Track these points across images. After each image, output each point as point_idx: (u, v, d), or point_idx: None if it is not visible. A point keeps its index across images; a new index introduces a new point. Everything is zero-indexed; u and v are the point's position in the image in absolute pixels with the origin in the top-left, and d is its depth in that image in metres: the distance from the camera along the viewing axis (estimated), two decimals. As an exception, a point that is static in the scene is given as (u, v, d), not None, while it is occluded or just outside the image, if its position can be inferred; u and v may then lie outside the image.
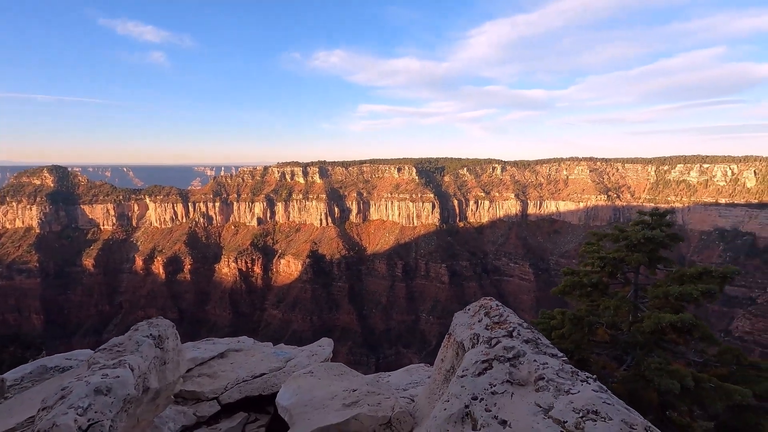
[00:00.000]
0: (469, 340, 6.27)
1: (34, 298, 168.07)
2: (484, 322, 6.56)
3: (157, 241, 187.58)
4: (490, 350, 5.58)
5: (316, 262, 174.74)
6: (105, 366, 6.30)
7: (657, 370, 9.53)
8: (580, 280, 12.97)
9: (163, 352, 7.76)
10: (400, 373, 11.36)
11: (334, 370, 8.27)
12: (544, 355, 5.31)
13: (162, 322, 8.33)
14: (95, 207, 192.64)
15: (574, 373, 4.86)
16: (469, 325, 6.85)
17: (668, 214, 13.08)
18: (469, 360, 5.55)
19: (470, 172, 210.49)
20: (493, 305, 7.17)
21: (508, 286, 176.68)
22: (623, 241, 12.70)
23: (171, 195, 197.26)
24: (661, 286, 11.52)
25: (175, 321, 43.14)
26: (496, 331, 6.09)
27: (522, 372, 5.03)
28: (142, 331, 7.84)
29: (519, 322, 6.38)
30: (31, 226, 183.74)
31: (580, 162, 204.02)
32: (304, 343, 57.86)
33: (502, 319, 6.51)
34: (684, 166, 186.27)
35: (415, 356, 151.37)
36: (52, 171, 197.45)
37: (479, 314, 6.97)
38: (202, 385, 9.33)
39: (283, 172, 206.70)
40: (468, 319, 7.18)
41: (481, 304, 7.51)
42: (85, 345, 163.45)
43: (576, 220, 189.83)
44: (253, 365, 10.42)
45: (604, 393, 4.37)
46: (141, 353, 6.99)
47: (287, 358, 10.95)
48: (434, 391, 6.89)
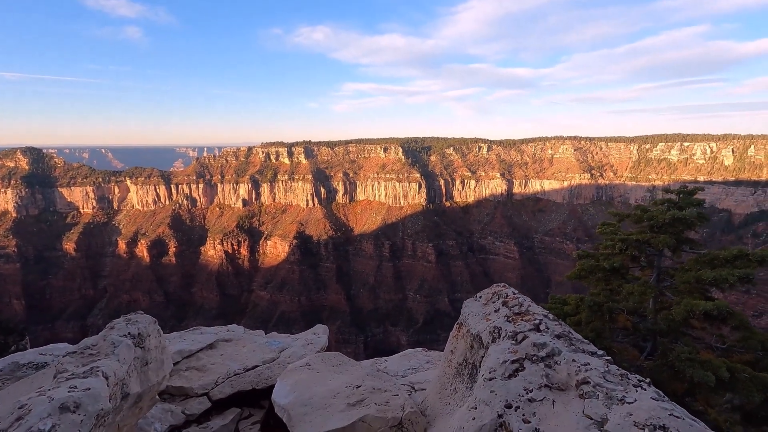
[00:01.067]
0: (488, 333, 5.71)
1: (14, 284, 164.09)
2: (502, 313, 6.02)
3: (140, 224, 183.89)
4: (518, 347, 5.04)
5: (303, 243, 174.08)
6: (74, 375, 5.48)
7: (688, 361, 8.99)
8: (598, 263, 12.16)
9: (144, 352, 6.96)
10: (397, 359, 10.93)
11: (331, 360, 7.83)
12: (583, 354, 4.73)
13: (142, 318, 7.45)
14: (74, 190, 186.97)
15: (623, 376, 4.26)
16: (485, 315, 6.33)
17: (697, 191, 12.09)
18: (495, 359, 5.00)
19: (456, 151, 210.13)
20: (509, 293, 6.64)
21: (493, 264, 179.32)
22: (647, 221, 11.75)
23: (153, 177, 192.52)
24: (690, 270, 10.75)
25: (161, 304, 43.10)
26: (520, 323, 5.54)
27: (560, 374, 4.48)
28: (118, 329, 6.91)
29: (544, 312, 5.85)
30: (7, 210, 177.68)
31: (565, 141, 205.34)
32: (292, 325, 58.79)
33: (523, 309, 5.96)
34: (665, 145, 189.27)
35: (402, 334, 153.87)
36: (26, 153, 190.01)
37: (495, 303, 6.51)
38: (190, 380, 8.74)
39: (267, 152, 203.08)
40: (481, 308, 6.67)
41: (494, 291, 6.98)
42: (68, 330, 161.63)
43: (560, 198, 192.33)
44: (245, 356, 9.86)
45: (666, 402, 3.84)
46: (118, 356, 6.19)
47: (281, 347, 10.44)
48: (445, 385, 6.48)
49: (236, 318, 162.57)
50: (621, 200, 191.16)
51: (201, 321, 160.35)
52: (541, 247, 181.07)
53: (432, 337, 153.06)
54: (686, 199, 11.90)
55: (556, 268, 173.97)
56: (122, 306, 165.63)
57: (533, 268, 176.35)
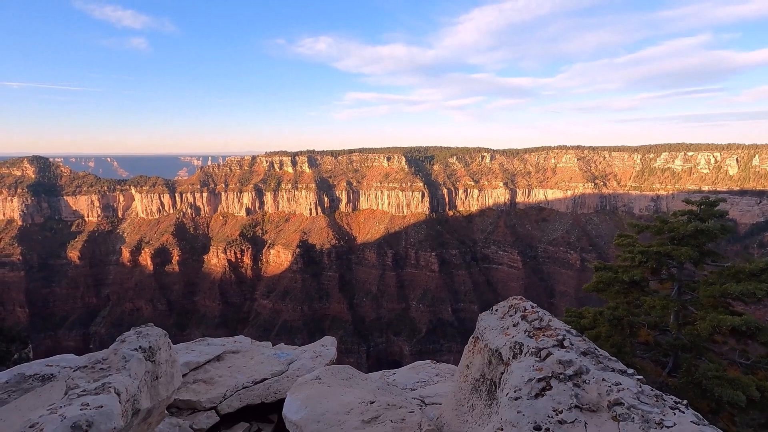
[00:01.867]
0: (509, 349, 5.49)
1: (18, 291, 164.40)
2: (522, 327, 5.79)
3: (144, 233, 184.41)
4: (543, 365, 4.82)
5: (306, 251, 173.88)
6: (85, 392, 5.32)
7: (716, 379, 8.63)
8: (616, 276, 11.82)
9: (154, 366, 6.78)
10: (405, 371, 10.71)
11: (341, 373, 7.65)
12: (613, 372, 4.49)
13: (153, 331, 7.28)
14: (79, 198, 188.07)
15: (658, 398, 4.03)
16: (503, 330, 6.10)
17: (719, 202, 11.80)
18: (519, 377, 4.75)
19: (459, 160, 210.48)
20: (527, 306, 6.41)
21: (497, 274, 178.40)
22: (668, 233, 11.45)
23: (157, 185, 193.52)
24: (714, 284, 10.37)
25: (164, 312, 42.91)
26: (543, 339, 5.31)
27: (590, 394, 4.24)
28: (129, 343, 6.72)
29: (566, 328, 5.62)
30: (13, 218, 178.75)
31: (568, 150, 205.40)
32: (295, 334, 58.39)
33: (543, 324, 5.70)
34: (669, 154, 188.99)
35: (405, 344, 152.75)
36: (32, 162, 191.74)
37: (512, 317, 6.34)
38: (198, 393, 8.52)
39: (271, 161, 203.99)
40: (497, 322, 6.45)
41: (510, 304, 6.78)
42: (71, 338, 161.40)
43: (564, 207, 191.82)
44: (253, 369, 9.64)
45: (708, 427, 3.66)
46: (129, 371, 6.02)
47: (289, 360, 10.23)
48: (461, 401, 6.26)
49: (238, 327, 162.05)
50: (625, 210, 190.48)
51: (203, 329, 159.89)
52: (545, 256, 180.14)
53: (435, 347, 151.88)
54: (708, 211, 11.65)
55: (560, 277, 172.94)
56: (125, 314, 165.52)
57: (537, 277, 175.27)
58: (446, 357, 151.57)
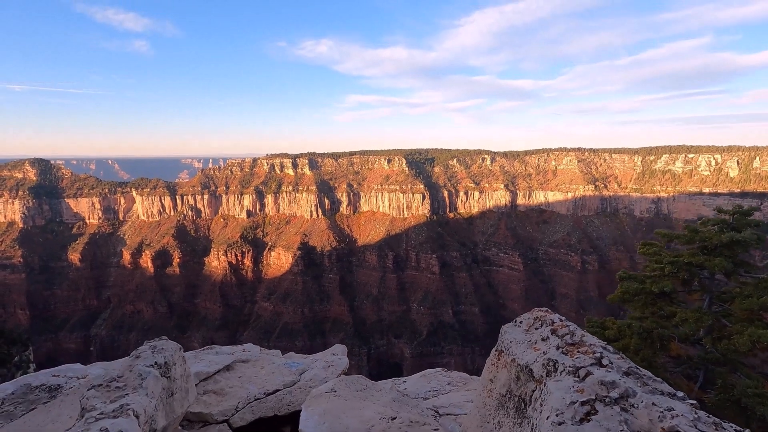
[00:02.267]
0: (541, 366, 5.20)
1: (19, 294, 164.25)
2: (552, 342, 5.50)
3: (144, 235, 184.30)
4: (583, 385, 4.50)
5: (307, 254, 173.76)
6: (103, 415, 5.11)
7: (756, 397, 8.26)
8: (643, 286, 11.36)
9: (170, 382, 6.58)
10: (416, 379, 10.45)
11: (355, 384, 7.45)
12: (662, 396, 4.17)
13: (168, 346, 7.08)
14: (80, 200, 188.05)
15: (717, 426, 3.76)
16: (531, 344, 5.84)
17: (753, 211, 11.47)
18: (559, 399, 4.44)
19: (460, 162, 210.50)
20: (555, 319, 6.14)
21: (497, 276, 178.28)
22: (699, 243, 10.98)
23: (158, 188, 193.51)
24: (751, 296, 9.97)
25: (164, 315, 42.70)
26: (579, 357, 5.00)
27: (640, 420, 3.96)
28: (144, 358, 6.49)
29: (602, 344, 5.28)
30: (14, 221, 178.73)
31: (569, 152, 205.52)
32: (295, 336, 58.16)
33: (576, 339, 5.40)
34: (669, 156, 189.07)
35: (406, 346, 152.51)
36: (34, 164, 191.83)
37: (540, 330, 6.06)
38: (209, 405, 8.30)
39: (272, 163, 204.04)
40: (523, 335, 6.19)
41: (535, 316, 6.49)
42: (72, 340, 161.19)
43: (564, 210, 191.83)
44: (264, 379, 9.39)
45: None
46: (146, 389, 5.81)
47: (301, 369, 10.00)
48: (486, 417, 6.06)
49: (239, 329, 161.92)
50: (626, 212, 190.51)
51: (204, 332, 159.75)
52: (546, 258, 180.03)
53: (436, 349, 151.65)
54: (742, 220, 11.26)
55: (561, 280, 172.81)
56: (126, 317, 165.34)
57: (538, 279, 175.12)
58: (447, 359, 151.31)
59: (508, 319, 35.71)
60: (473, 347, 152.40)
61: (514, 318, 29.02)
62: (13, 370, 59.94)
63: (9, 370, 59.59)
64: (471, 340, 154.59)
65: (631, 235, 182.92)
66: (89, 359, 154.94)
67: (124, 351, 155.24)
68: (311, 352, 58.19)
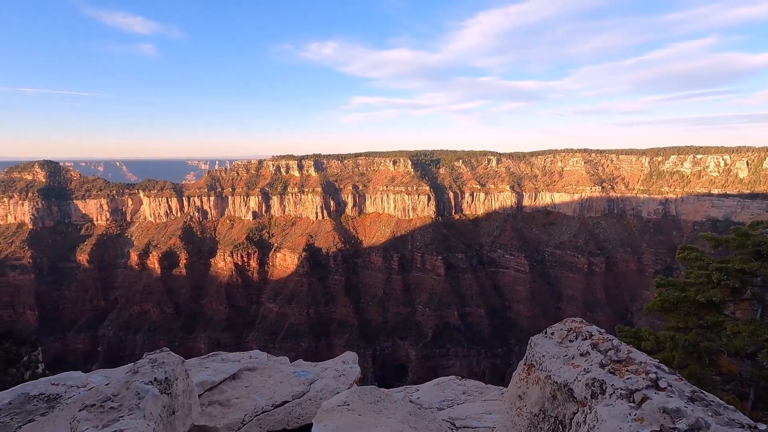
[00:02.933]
0: (585, 386, 4.63)
1: (28, 294, 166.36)
2: (594, 359, 4.92)
3: (151, 236, 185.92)
4: (642, 413, 3.95)
5: (312, 255, 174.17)
6: None
7: None
8: (686, 295, 10.45)
9: (171, 399, 6.10)
10: (429, 388, 9.97)
11: (368, 396, 7.02)
12: (741, 429, 3.59)
13: (169, 359, 6.50)
14: (88, 202, 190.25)
15: None
16: (567, 360, 5.29)
17: None
18: (615, 429, 3.97)
19: (466, 164, 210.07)
20: (593, 331, 5.57)
21: (503, 278, 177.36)
22: (752, 247, 10.10)
23: (165, 189, 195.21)
24: None
25: (171, 316, 43.03)
26: (629, 377, 4.44)
27: None
28: (143, 374, 5.95)
29: (654, 362, 4.68)
30: (24, 222, 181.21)
31: (575, 153, 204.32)
32: (301, 337, 58.32)
33: (622, 355, 4.81)
34: (677, 157, 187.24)
35: (411, 348, 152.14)
36: (43, 166, 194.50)
37: (577, 343, 5.50)
38: (214, 418, 7.87)
39: (278, 165, 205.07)
40: (556, 349, 5.60)
41: (568, 327, 5.94)
42: (79, 341, 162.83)
43: (571, 211, 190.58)
44: (272, 389, 8.96)
45: None
46: (143, 411, 5.29)
47: (310, 379, 9.54)
48: None
49: (245, 330, 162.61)
50: (633, 213, 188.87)
51: (210, 333, 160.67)
52: (552, 260, 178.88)
53: (442, 351, 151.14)
54: None
55: (568, 281, 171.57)
56: (133, 317, 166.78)
57: (544, 281, 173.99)
58: (453, 362, 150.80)
59: (515, 321, 36.43)
60: (479, 349, 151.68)
61: (520, 320, 29.29)
62: (22, 370, 60.74)
63: (18, 370, 60.39)
64: (477, 342, 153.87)
65: (638, 237, 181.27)
66: (97, 360, 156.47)
67: (131, 351, 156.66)
68: (317, 353, 59.58)
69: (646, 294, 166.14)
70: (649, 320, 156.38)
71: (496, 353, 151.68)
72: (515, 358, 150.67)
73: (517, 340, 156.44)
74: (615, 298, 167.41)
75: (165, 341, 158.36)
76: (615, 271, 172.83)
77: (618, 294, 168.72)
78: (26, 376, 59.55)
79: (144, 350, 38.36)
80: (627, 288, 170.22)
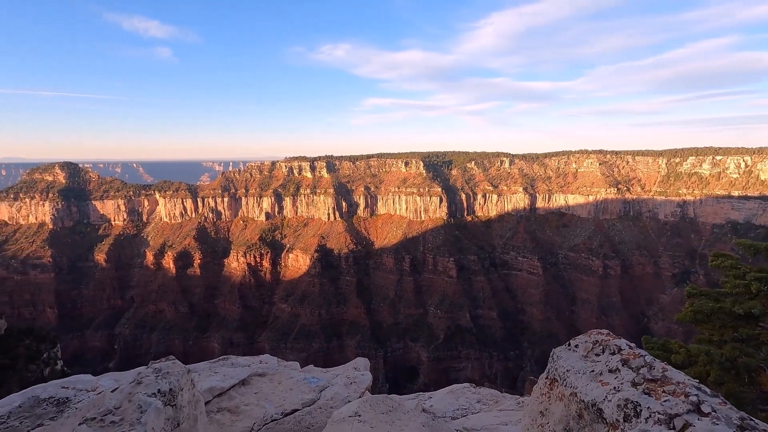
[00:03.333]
0: (617, 408, 4.29)
1: (48, 293, 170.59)
2: (625, 376, 4.58)
3: (167, 236, 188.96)
4: None
5: (324, 256, 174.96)
6: None
7: None
8: (721, 306, 9.94)
9: (175, 411, 5.90)
10: (443, 396, 9.67)
11: (380, 406, 6.78)
12: None
13: (174, 369, 6.29)
14: (106, 203, 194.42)
15: None
16: (595, 376, 4.94)
17: None
18: None
19: (478, 165, 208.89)
20: (622, 345, 5.21)
21: (516, 280, 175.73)
22: None
23: (180, 190, 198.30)
24: None
25: (185, 315, 43.71)
26: (667, 399, 4.08)
27: None
28: (146, 385, 5.72)
29: (693, 382, 4.33)
30: (44, 222, 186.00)
31: (590, 155, 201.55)
32: (312, 338, 58.61)
33: (656, 373, 4.48)
34: (696, 158, 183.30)
35: (422, 350, 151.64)
36: (63, 167, 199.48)
37: (604, 357, 5.16)
38: (223, 426, 7.69)
39: (290, 166, 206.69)
40: (582, 363, 5.25)
41: (594, 340, 5.57)
42: (97, 339, 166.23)
43: (585, 213, 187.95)
44: (282, 397, 8.74)
45: None
46: (146, 425, 5.07)
47: (321, 386, 9.27)
48: None
49: (257, 330, 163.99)
50: (650, 215, 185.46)
51: (223, 332, 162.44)
52: (566, 263, 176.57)
53: (453, 353, 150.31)
54: None
55: (582, 284, 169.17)
56: (148, 316, 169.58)
57: (558, 284, 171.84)
58: (464, 364, 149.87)
59: (527, 324, 36.04)
60: (491, 352, 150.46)
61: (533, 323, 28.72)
62: (42, 366, 62.35)
63: (38, 366, 61.99)
64: (489, 344, 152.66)
65: (655, 240, 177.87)
66: (113, 357, 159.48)
67: (147, 350, 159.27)
68: (328, 354, 59.75)
69: (663, 298, 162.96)
70: (666, 325, 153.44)
71: (509, 356, 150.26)
72: (528, 362, 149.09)
73: (530, 343, 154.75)
74: (631, 302, 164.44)
75: (179, 340, 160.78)
76: (631, 275, 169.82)
77: (634, 298, 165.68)
78: (46, 372, 61.12)
79: (159, 349, 39.37)
80: (643, 292, 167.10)
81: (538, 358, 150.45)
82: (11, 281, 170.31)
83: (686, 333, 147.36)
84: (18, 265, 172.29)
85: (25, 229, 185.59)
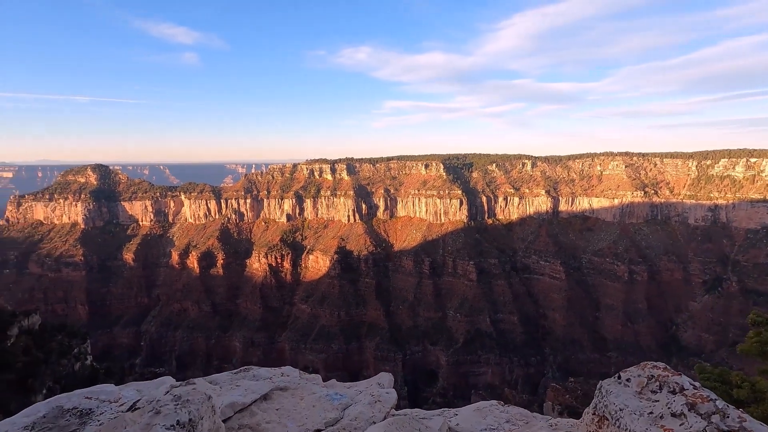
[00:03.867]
0: None
1: (79, 290, 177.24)
2: (694, 425, 4.06)
3: (191, 237, 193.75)
4: None
5: (344, 258, 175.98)
6: None
7: None
8: None
9: None
10: (469, 413, 9.31)
11: (406, 428, 6.52)
12: None
13: (194, 397, 6.01)
14: (134, 204, 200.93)
15: None
16: (654, 420, 4.45)
17: None
18: None
19: (499, 168, 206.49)
20: (684, 384, 4.65)
21: (538, 284, 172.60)
22: None
23: (205, 192, 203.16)
24: None
25: (208, 314, 44.88)
26: None
27: None
28: (165, 415, 5.47)
29: None
30: (77, 222, 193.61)
31: (615, 157, 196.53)
32: (332, 339, 59.20)
33: (732, 423, 3.95)
34: (728, 161, 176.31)
35: (442, 353, 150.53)
36: (95, 169, 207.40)
37: (664, 397, 4.63)
38: None
39: (311, 169, 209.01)
40: (636, 402, 4.73)
41: (648, 374, 5.06)
42: (124, 335, 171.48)
43: (610, 217, 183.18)
44: (304, 414, 8.52)
45: None
46: None
47: (344, 404, 9.01)
48: None
49: (278, 330, 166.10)
50: (678, 220, 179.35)
51: (245, 332, 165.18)
52: (590, 267, 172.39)
53: (473, 357, 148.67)
54: None
55: (606, 290, 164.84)
56: (173, 314, 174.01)
57: (581, 289, 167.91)
58: (484, 369, 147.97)
59: (549, 330, 35.50)
60: (511, 357, 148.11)
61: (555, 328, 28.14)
62: (73, 361, 64.76)
63: (69, 360, 64.43)
64: (510, 349, 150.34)
65: (684, 245, 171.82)
66: (140, 354, 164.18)
67: (171, 347, 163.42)
68: (347, 355, 60.27)
69: (693, 305, 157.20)
70: (697, 333, 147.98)
71: (530, 362, 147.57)
72: (549, 368, 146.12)
73: (552, 349, 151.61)
74: (658, 309, 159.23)
75: (202, 338, 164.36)
76: (658, 281, 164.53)
77: (661, 304, 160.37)
78: (76, 367, 63.42)
79: (183, 347, 40.43)
80: (671, 298, 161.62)
81: (560, 364, 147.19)
82: (46, 279, 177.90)
83: (716, 342, 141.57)
84: (52, 263, 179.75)
85: (59, 229, 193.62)
